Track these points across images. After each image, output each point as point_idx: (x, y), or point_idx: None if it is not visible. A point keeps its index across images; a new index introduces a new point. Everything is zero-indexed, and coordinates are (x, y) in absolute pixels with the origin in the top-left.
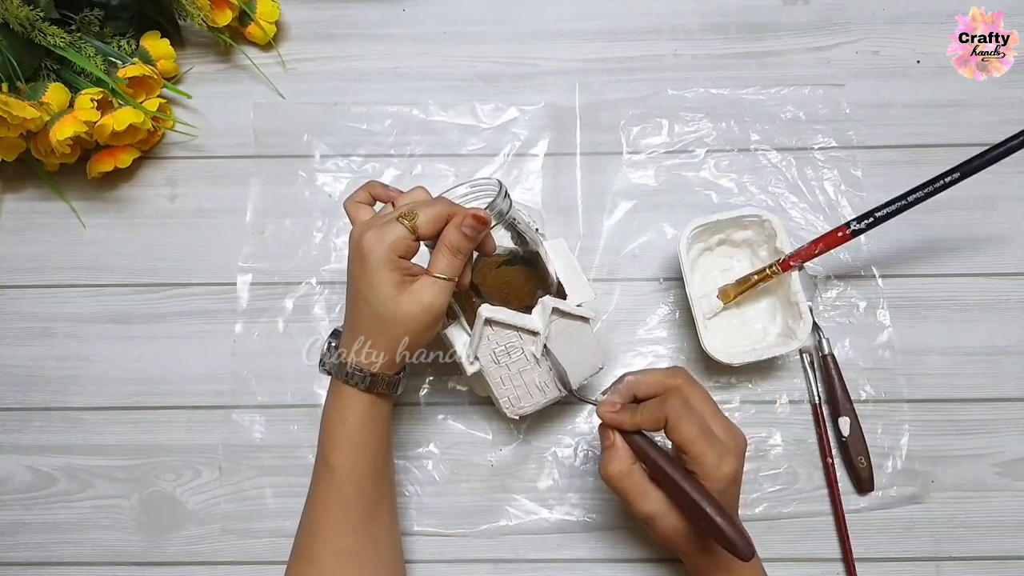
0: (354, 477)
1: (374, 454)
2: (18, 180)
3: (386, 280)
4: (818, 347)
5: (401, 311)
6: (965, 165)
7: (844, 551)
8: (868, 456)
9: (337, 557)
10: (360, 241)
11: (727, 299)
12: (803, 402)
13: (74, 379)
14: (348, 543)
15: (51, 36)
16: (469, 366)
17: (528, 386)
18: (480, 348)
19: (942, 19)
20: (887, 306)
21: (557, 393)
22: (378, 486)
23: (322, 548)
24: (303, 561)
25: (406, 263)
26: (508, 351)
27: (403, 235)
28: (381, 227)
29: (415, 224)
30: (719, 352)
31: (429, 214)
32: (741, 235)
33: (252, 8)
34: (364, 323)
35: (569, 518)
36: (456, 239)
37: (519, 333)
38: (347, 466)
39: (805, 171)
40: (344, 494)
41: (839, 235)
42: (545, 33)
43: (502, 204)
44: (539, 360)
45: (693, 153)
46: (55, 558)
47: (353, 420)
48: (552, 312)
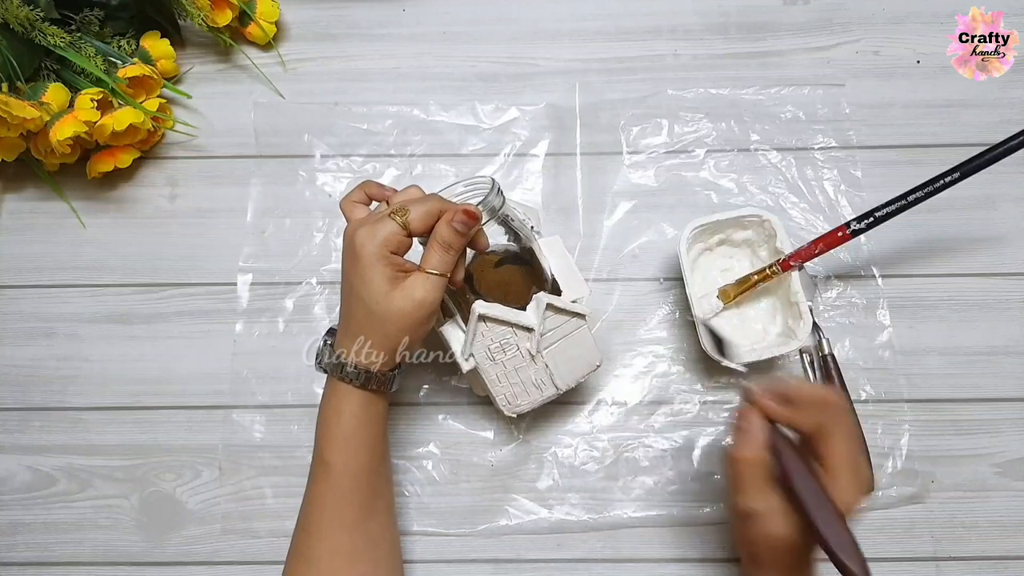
0: (350, 474)
1: (370, 451)
2: (18, 180)
3: (378, 276)
4: (818, 347)
5: (393, 307)
6: (965, 165)
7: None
8: (868, 457)
9: (333, 555)
10: (353, 238)
11: (727, 299)
12: None
13: (74, 379)
14: (345, 541)
15: (51, 36)
16: (464, 363)
17: (524, 383)
18: (475, 345)
19: (942, 19)
20: (887, 306)
21: (554, 391)
22: (374, 483)
23: (318, 546)
24: (300, 560)
25: (398, 259)
26: (503, 348)
27: (395, 231)
28: (373, 224)
29: (407, 220)
30: (718, 353)
31: (421, 210)
32: (741, 235)
33: (252, 8)
34: (358, 320)
35: (569, 518)
36: (447, 234)
37: (514, 330)
38: (343, 463)
39: (805, 171)
40: (340, 491)
41: (839, 235)
42: (545, 33)
43: (494, 200)
44: (535, 357)
45: (693, 153)
46: (55, 558)
47: (349, 417)
48: (546, 308)
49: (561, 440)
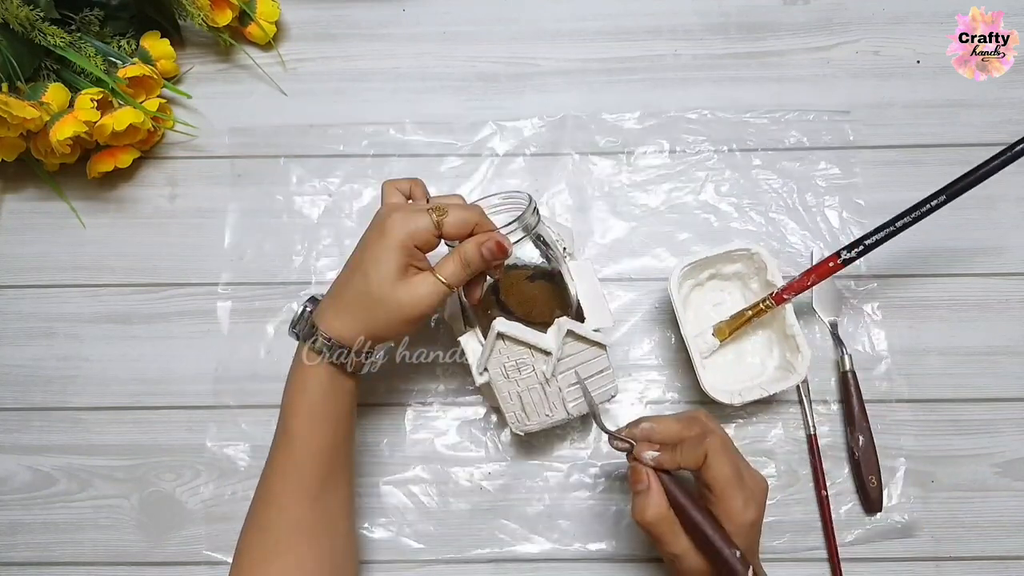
0: (312, 447)
1: (334, 426)
2: (18, 180)
3: (394, 261)
4: (839, 363)
5: (393, 295)
6: (950, 187)
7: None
8: (879, 476)
9: (292, 529)
10: (386, 218)
11: (722, 336)
12: (799, 431)
13: (74, 379)
14: (304, 515)
15: (51, 36)
16: (479, 377)
17: (536, 404)
18: (491, 361)
19: (942, 19)
20: (886, 306)
21: (565, 415)
22: (336, 459)
23: (277, 517)
24: (256, 529)
25: (419, 254)
26: (519, 367)
27: (427, 227)
28: (410, 212)
29: (442, 220)
30: (718, 391)
31: (459, 216)
32: (731, 268)
33: (252, 8)
34: (352, 294)
35: (558, 545)
36: (471, 254)
37: (531, 351)
38: (306, 436)
39: (806, 197)
40: (301, 463)
41: (831, 265)
42: (545, 33)
43: (530, 219)
44: (549, 380)
45: (693, 176)
46: (55, 558)
47: (314, 389)
48: (567, 334)
49: (552, 465)
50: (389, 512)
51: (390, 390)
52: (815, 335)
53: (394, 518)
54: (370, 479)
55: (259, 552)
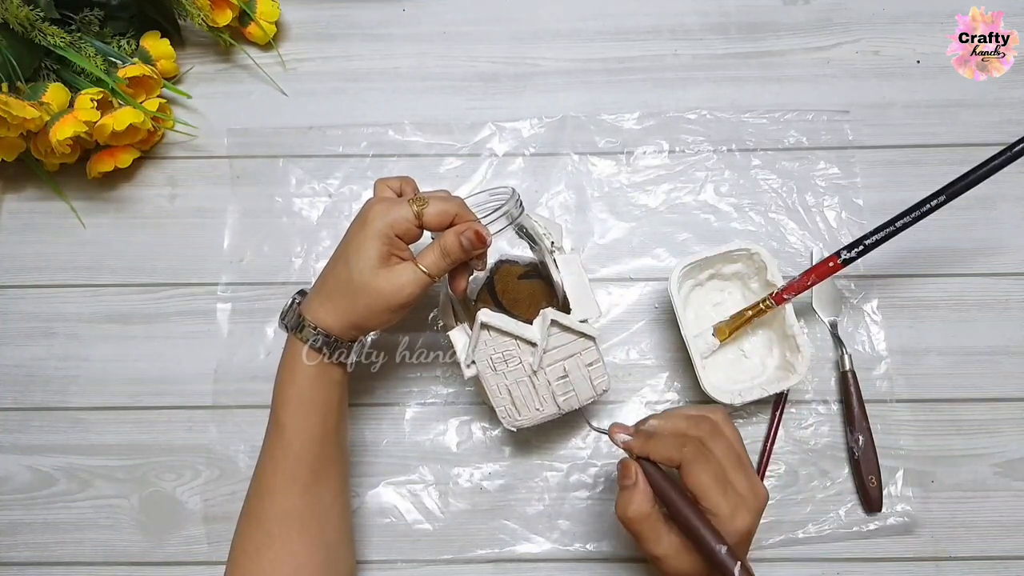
0: (303, 437)
1: (324, 416)
2: (18, 180)
3: (374, 250)
4: (839, 362)
5: (373, 283)
6: (950, 187)
7: None
8: (879, 475)
9: (284, 519)
10: (368, 209)
11: (723, 336)
12: (799, 431)
13: (74, 379)
14: (295, 504)
15: (51, 36)
16: (466, 369)
17: (526, 398)
18: (477, 352)
19: (942, 19)
20: (886, 306)
21: (556, 410)
22: (327, 449)
23: (269, 508)
24: (250, 520)
25: (400, 243)
26: (506, 359)
27: (408, 216)
28: (391, 203)
29: (423, 211)
30: (718, 391)
31: (439, 207)
32: (731, 268)
33: (252, 8)
34: (335, 283)
35: (558, 545)
36: (451, 243)
37: (517, 342)
38: (296, 426)
39: (806, 197)
40: (292, 453)
41: (830, 265)
42: (545, 33)
43: (513, 210)
44: (536, 373)
45: (693, 176)
46: (55, 558)
47: (303, 379)
48: (551, 324)
49: (552, 465)
50: (389, 512)
51: (390, 390)
52: (815, 335)
53: (394, 518)
54: (370, 479)
55: (252, 543)
